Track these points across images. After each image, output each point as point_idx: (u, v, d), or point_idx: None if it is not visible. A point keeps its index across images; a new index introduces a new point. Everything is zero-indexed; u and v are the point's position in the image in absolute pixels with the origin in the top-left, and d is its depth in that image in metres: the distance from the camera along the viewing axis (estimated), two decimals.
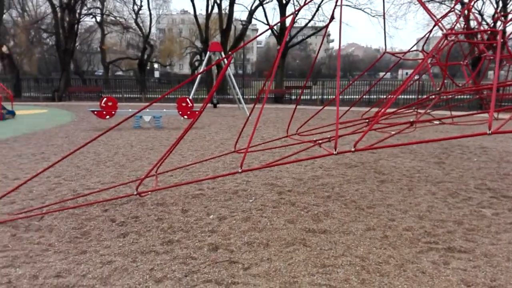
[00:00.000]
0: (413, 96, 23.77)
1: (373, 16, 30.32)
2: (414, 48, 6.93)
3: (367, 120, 6.10)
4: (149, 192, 5.55)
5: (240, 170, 4.21)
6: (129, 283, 3.34)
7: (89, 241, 4.17)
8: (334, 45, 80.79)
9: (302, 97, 26.53)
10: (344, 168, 7.30)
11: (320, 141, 5.20)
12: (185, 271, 3.54)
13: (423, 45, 6.12)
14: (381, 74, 62.05)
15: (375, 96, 24.40)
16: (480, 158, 8.28)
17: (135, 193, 4.88)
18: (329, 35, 75.97)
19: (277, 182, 6.42)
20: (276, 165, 5.38)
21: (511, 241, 4.10)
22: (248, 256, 3.84)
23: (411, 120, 4.59)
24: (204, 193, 5.86)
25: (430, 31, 6.48)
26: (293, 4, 30.76)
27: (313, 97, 26.60)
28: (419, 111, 7.55)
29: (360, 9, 27.66)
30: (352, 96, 25.45)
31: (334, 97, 24.81)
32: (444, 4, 27.60)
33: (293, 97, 26.08)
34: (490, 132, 3.05)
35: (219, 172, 7.09)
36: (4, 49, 27.91)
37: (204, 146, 9.76)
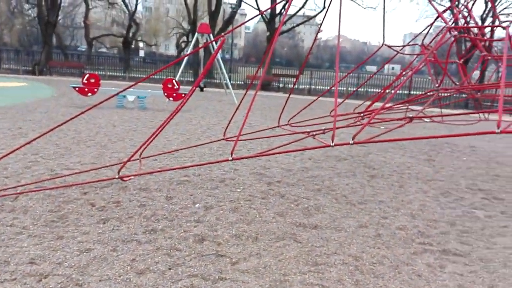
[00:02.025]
0: (400, 91, 23.80)
1: (364, 8, 30.08)
2: (415, 41, 6.76)
3: (361, 114, 5.93)
4: (132, 177, 5.28)
5: (230, 158, 3.98)
6: (109, 273, 3.10)
7: (66, 225, 3.90)
8: (322, 36, 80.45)
9: (290, 86, 26.34)
10: (334, 161, 7.14)
11: (314, 133, 5.00)
12: (169, 263, 3.32)
13: (423, 39, 5.96)
14: (368, 67, 62.25)
15: (362, 89, 24.31)
16: (470, 157, 8.25)
17: (117, 177, 4.60)
18: (319, 25, 75.78)
19: (265, 172, 6.22)
20: (272, 154, 5.18)
21: (507, 245, 4.01)
22: (236, 249, 3.63)
23: (410, 116, 4.43)
24: (190, 180, 5.61)
25: (431, 25, 6.31)
26: None
27: (300, 86, 26.36)
28: (411, 107, 7.42)
29: (353, 0, 27.40)
30: (340, 88, 25.35)
31: (326, 87, 24.65)
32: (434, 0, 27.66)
33: (280, 85, 25.83)
34: (499, 131, 2.89)
35: (205, 158, 6.84)
36: None
37: (190, 130, 9.47)
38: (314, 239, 3.94)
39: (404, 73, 8.42)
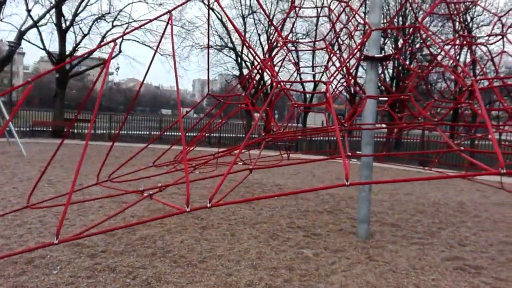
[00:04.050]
0: (215, 134, 24.65)
1: (162, 55, 30.51)
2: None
3: (194, 164, 5.68)
4: None
5: (56, 241, 3.11)
6: None
7: None
8: (114, 78, 78.29)
9: (85, 131, 24.37)
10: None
11: (150, 191, 4.47)
12: None
13: (249, 90, 6.22)
14: (164, 110, 63.71)
15: (167, 133, 24.32)
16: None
17: None
18: (117, 68, 74.54)
19: (84, 241, 5.26)
20: (113, 229, 4.36)
21: (342, 283, 4.30)
22: None
23: (249, 166, 4.42)
24: None
25: (256, 73, 6.68)
26: (74, 32, 28.41)
27: (97, 131, 24.63)
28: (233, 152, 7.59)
29: (148, 46, 27.48)
30: (143, 133, 25.38)
31: (128, 132, 23.58)
32: (222, 52, 30.40)
33: (75, 130, 23.53)
34: (348, 184, 3.06)
35: None
36: None
37: None
38: None
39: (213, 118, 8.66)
